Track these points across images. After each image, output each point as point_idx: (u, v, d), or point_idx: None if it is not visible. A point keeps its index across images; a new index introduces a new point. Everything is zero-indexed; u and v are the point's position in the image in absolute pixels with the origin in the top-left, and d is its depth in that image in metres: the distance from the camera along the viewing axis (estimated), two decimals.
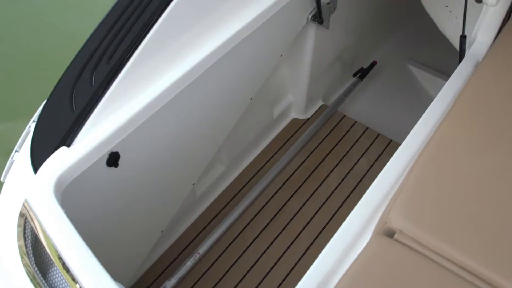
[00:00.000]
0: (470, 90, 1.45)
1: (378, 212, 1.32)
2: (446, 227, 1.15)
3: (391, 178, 1.39)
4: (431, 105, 1.57)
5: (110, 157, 1.51)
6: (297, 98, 2.68)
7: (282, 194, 2.44)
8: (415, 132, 1.50)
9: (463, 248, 1.12)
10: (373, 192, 1.35)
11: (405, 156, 1.43)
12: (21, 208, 1.32)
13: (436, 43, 3.15)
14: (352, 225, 1.29)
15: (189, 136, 1.85)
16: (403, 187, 1.24)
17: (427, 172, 1.26)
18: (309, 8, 2.21)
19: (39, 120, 1.47)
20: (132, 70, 1.51)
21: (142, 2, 1.54)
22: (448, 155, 1.29)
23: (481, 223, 1.16)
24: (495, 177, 1.24)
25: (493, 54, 1.56)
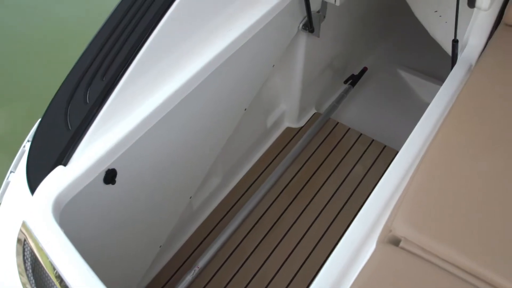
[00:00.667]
0: (466, 94, 1.45)
1: (380, 220, 1.32)
2: (452, 233, 1.15)
3: (391, 185, 1.38)
4: (427, 111, 1.58)
5: (107, 174, 1.49)
6: (290, 107, 2.68)
7: (279, 204, 2.43)
8: (413, 138, 1.50)
9: (470, 253, 1.12)
10: (375, 200, 1.34)
11: (404, 162, 1.43)
12: (19, 230, 1.30)
13: (425, 48, 3.18)
14: (355, 235, 1.28)
15: (185, 150, 1.84)
16: (406, 194, 1.23)
17: (429, 178, 1.25)
18: (300, 17, 2.21)
19: (34, 139, 1.45)
20: (127, 86, 1.50)
21: (135, 17, 1.53)
22: (449, 160, 1.29)
23: (487, 227, 1.15)
24: (497, 180, 1.24)
25: (486, 57, 1.56)
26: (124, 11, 1.54)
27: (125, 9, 1.55)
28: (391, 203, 1.35)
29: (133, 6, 1.55)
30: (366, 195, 2.47)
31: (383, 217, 1.32)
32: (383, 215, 1.33)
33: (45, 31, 3.90)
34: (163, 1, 1.55)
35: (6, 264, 1.31)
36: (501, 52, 1.57)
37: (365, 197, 2.46)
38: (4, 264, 1.31)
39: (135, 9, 1.54)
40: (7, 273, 1.29)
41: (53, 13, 4.05)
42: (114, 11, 1.55)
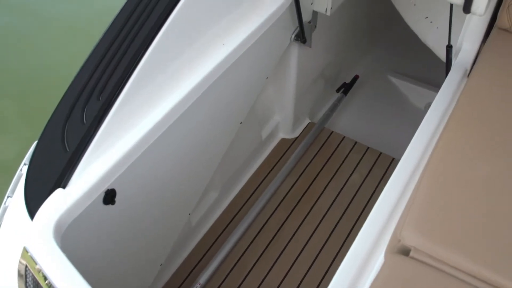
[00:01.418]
0: (465, 100, 1.45)
1: (386, 230, 1.31)
2: (461, 240, 1.14)
3: (395, 194, 1.37)
4: (425, 117, 1.57)
5: (106, 195, 1.47)
6: (284, 118, 2.67)
7: (277, 216, 2.41)
8: (414, 146, 1.49)
9: (481, 260, 1.11)
10: (379, 210, 1.34)
11: (406, 171, 1.42)
12: (20, 257, 1.27)
13: (415, 53, 3.20)
14: (362, 246, 1.27)
15: (183, 166, 1.82)
16: (413, 203, 1.22)
17: (435, 185, 1.25)
18: (291, 28, 2.21)
19: (31, 162, 1.42)
20: (123, 104, 1.48)
21: (129, 34, 1.52)
22: (453, 166, 1.28)
23: (495, 232, 1.15)
24: (503, 184, 1.24)
25: (482, 62, 1.57)
26: (119, 28, 1.53)
27: (120, 26, 1.53)
28: (396, 212, 1.34)
29: (127, 23, 1.53)
30: (364, 204, 2.46)
31: (389, 227, 1.31)
32: (388, 225, 1.32)
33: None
34: (157, 18, 1.54)
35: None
36: (496, 56, 1.57)
37: (364, 206, 2.45)
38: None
39: (129, 26, 1.53)
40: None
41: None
42: (109, 28, 1.54)
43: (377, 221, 1.32)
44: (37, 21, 4.02)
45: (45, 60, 3.69)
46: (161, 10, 1.55)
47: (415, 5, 2.21)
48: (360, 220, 2.40)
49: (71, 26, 3.97)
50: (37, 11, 4.12)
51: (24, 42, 3.85)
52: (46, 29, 3.97)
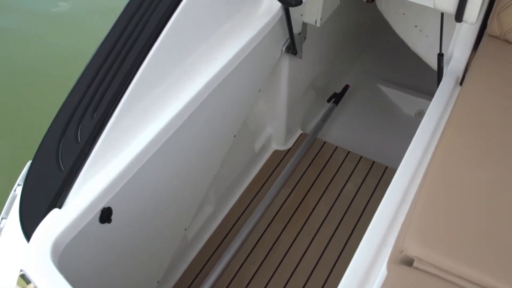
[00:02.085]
0: (461, 107, 1.46)
1: (387, 240, 1.30)
2: (465, 249, 1.13)
3: (394, 204, 1.37)
4: (420, 126, 1.58)
5: (102, 214, 1.45)
6: (276, 129, 2.67)
7: (273, 229, 2.40)
8: (410, 154, 1.49)
9: (485, 268, 1.10)
10: (379, 220, 1.33)
11: (404, 180, 1.42)
12: (17, 280, 1.24)
13: (403, 61, 3.22)
14: (363, 258, 1.27)
15: (179, 182, 1.81)
16: (413, 212, 1.22)
17: (435, 194, 1.24)
18: (282, 40, 2.21)
19: (26, 182, 1.40)
20: (118, 122, 1.47)
21: (122, 51, 1.51)
22: (452, 174, 1.28)
23: (499, 240, 1.14)
24: (503, 190, 1.24)
25: (475, 69, 1.58)
26: (112, 45, 1.52)
27: (113, 42, 1.52)
28: (396, 222, 1.34)
29: (120, 39, 1.52)
30: (359, 213, 2.46)
31: (390, 237, 1.31)
32: (389, 235, 1.31)
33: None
34: (150, 33, 1.53)
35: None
36: (488, 63, 1.58)
37: (359, 215, 2.45)
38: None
39: (122, 42, 1.52)
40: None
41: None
42: (102, 44, 1.53)
43: (377, 232, 1.31)
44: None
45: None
46: (154, 25, 1.54)
47: (404, 14, 2.22)
48: (356, 229, 2.39)
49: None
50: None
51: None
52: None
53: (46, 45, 4.01)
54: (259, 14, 1.99)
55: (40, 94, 3.55)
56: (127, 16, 1.56)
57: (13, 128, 3.32)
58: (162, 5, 1.57)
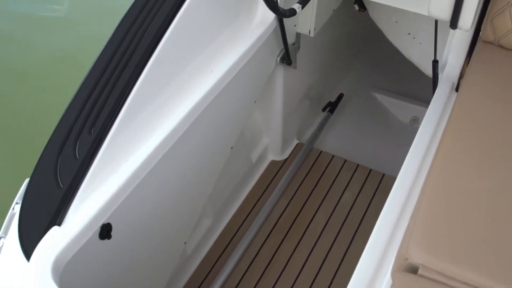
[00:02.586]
0: (458, 113, 1.46)
1: (390, 249, 1.30)
2: (468, 254, 1.13)
3: (395, 213, 1.37)
4: (418, 133, 1.58)
5: (102, 230, 1.44)
6: (272, 140, 2.67)
7: (272, 240, 2.39)
8: (409, 162, 1.49)
9: (489, 274, 1.10)
10: (381, 229, 1.33)
11: (404, 187, 1.42)
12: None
13: (396, 68, 3.24)
14: (366, 268, 1.26)
15: (177, 195, 1.80)
16: (416, 220, 1.22)
17: (437, 201, 1.24)
18: (276, 51, 2.22)
19: (24, 200, 1.38)
20: (116, 137, 1.46)
21: (118, 66, 1.51)
22: (454, 180, 1.28)
23: (503, 245, 1.14)
24: (504, 195, 1.24)
25: (470, 75, 1.59)
26: (108, 59, 1.51)
27: (109, 57, 1.52)
28: (397, 231, 1.34)
29: (116, 54, 1.52)
30: (358, 222, 2.45)
31: (392, 246, 1.31)
32: (391, 244, 1.31)
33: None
34: (146, 47, 1.53)
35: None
36: (484, 68, 1.59)
37: (358, 224, 2.44)
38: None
39: (118, 57, 1.52)
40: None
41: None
42: (98, 59, 1.52)
43: (379, 241, 1.31)
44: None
45: None
46: (150, 39, 1.54)
47: (397, 22, 2.24)
48: (355, 238, 2.39)
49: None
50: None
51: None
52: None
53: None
54: (254, 26, 1.99)
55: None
56: (123, 30, 1.56)
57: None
58: (158, 19, 1.57)
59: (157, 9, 1.58)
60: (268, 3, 1.72)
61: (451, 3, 1.32)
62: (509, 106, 1.46)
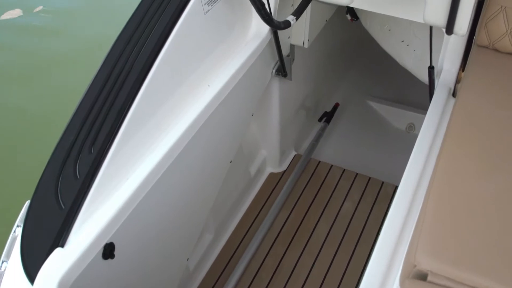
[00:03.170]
0: (458, 118, 1.46)
1: (396, 257, 1.29)
2: (477, 259, 1.13)
3: (400, 219, 1.36)
4: (418, 140, 1.58)
5: (105, 249, 1.42)
6: (270, 152, 2.67)
7: (275, 252, 2.38)
8: (411, 169, 1.49)
9: (499, 278, 1.10)
10: (386, 238, 1.32)
11: (407, 194, 1.42)
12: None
13: (390, 76, 3.26)
14: (374, 276, 1.25)
15: (178, 211, 1.79)
16: (423, 226, 1.21)
17: (442, 206, 1.24)
18: (271, 64, 2.23)
19: (26, 223, 1.37)
20: (116, 156, 1.45)
21: (116, 84, 1.50)
22: (457, 185, 1.28)
23: (510, 248, 1.14)
24: (509, 197, 1.24)
25: (467, 80, 1.59)
26: (106, 77, 1.51)
27: (106, 75, 1.51)
28: (403, 238, 1.33)
29: (113, 73, 1.52)
30: (360, 230, 2.45)
31: (398, 253, 1.30)
32: (397, 251, 1.30)
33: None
34: (142, 66, 1.53)
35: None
36: (480, 72, 1.60)
37: (360, 232, 2.44)
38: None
39: (115, 75, 1.51)
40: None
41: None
42: (95, 77, 1.52)
43: (386, 249, 1.30)
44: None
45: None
46: (146, 56, 1.54)
47: (390, 30, 2.25)
48: (358, 246, 2.38)
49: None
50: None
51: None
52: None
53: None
54: (248, 39, 2.00)
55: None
56: (119, 47, 1.56)
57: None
58: (154, 35, 1.57)
59: (153, 25, 1.58)
60: (263, 16, 1.72)
61: (446, 9, 1.33)
62: (509, 109, 1.47)
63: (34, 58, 4.24)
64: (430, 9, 1.37)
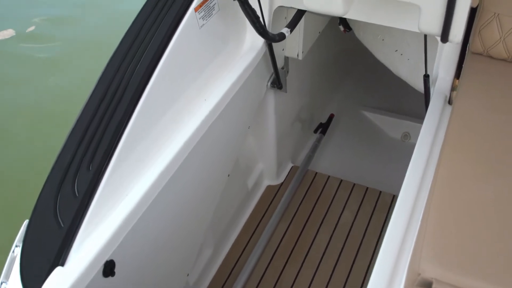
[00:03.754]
0: (456, 125, 1.47)
1: (399, 266, 1.29)
2: (481, 266, 1.12)
3: (401, 228, 1.36)
4: (417, 148, 1.58)
5: (105, 267, 1.41)
6: (267, 164, 2.66)
7: (275, 264, 2.36)
8: (410, 177, 1.49)
9: (504, 283, 1.09)
10: (388, 247, 1.32)
11: (408, 203, 1.41)
12: None
13: (383, 85, 3.27)
14: (377, 285, 1.24)
15: (178, 227, 1.78)
16: (426, 234, 1.21)
17: (445, 214, 1.24)
18: (266, 76, 2.23)
19: (25, 242, 1.35)
20: (114, 172, 1.44)
21: (113, 100, 1.50)
22: (458, 192, 1.28)
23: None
24: (510, 202, 1.24)
25: (463, 87, 1.60)
26: (102, 94, 1.51)
27: (103, 92, 1.51)
28: (405, 247, 1.33)
29: (109, 89, 1.51)
30: (359, 240, 2.44)
31: (401, 262, 1.29)
32: (400, 260, 1.30)
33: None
34: (139, 81, 1.52)
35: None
36: (476, 79, 1.61)
37: (359, 242, 2.43)
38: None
39: (112, 91, 1.51)
40: None
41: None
42: (92, 94, 1.52)
43: (388, 258, 1.30)
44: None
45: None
46: (142, 72, 1.54)
47: (384, 40, 2.26)
48: (358, 256, 2.37)
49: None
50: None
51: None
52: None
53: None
54: (243, 52, 2.00)
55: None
56: (115, 64, 1.56)
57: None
58: (149, 52, 1.57)
59: (149, 40, 1.58)
60: (258, 29, 1.73)
61: (441, 18, 1.34)
62: (506, 114, 1.47)
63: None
64: (425, 18, 1.38)
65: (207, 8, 1.76)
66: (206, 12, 1.76)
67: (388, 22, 1.82)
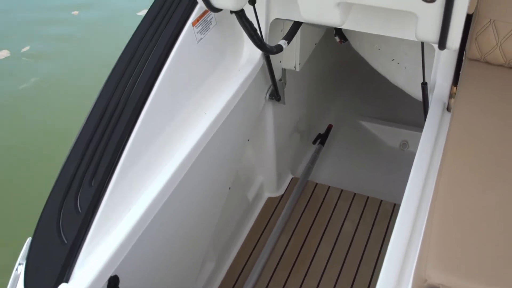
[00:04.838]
0: (456, 132, 1.47)
1: (404, 273, 1.28)
2: (487, 270, 1.12)
3: (405, 236, 1.36)
4: (417, 155, 1.58)
5: (110, 283, 1.40)
6: (267, 176, 2.66)
7: (278, 276, 2.35)
8: (412, 185, 1.49)
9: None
10: (393, 255, 1.32)
11: (410, 211, 1.41)
12: None
13: (380, 94, 3.28)
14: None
15: (180, 241, 1.78)
16: (430, 240, 1.21)
17: (449, 220, 1.24)
18: (265, 88, 2.24)
19: (29, 260, 1.35)
20: (116, 187, 1.44)
21: (113, 116, 1.50)
22: (461, 199, 1.28)
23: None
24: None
25: (461, 94, 1.61)
26: (103, 110, 1.51)
27: (103, 107, 1.51)
28: (409, 254, 1.33)
29: (109, 105, 1.52)
30: (362, 250, 2.43)
31: (406, 270, 1.29)
32: (405, 267, 1.30)
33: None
34: (139, 96, 1.53)
35: None
36: (474, 85, 1.62)
37: (362, 252, 2.42)
38: None
39: (112, 106, 1.51)
40: None
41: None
42: (92, 110, 1.52)
43: (393, 266, 1.29)
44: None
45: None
46: (142, 87, 1.54)
47: (380, 49, 2.28)
48: (361, 266, 2.36)
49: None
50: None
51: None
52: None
53: None
54: (241, 65, 2.01)
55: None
56: (114, 80, 1.56)
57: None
58: (148, 67, 1.58)
59: (148, 55, 1.59)
60: (256, 42, 1.74)
61: (438, 25, 1.35)
62: (505, 119, 1.48)
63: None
64: (422, 26, 1.38)
65: (204, 22, 1.77)
66: (203, 26, 1.77)
67: (385, 32, 1.83)
